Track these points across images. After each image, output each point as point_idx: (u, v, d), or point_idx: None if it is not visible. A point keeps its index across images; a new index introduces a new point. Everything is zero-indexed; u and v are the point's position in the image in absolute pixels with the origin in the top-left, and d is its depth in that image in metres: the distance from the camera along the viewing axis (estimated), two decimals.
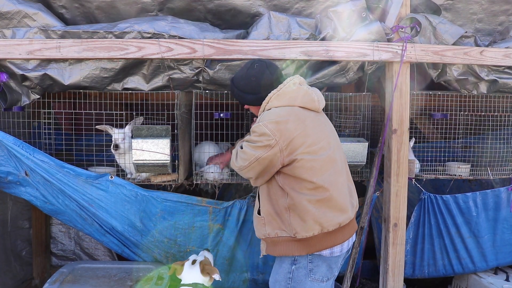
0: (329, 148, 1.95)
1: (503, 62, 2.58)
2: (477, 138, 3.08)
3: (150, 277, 2.38)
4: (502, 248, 2.89)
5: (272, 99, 1.97)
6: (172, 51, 2.33)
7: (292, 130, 1.87)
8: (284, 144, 1.86)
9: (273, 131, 1.87)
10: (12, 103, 2.39)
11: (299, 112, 1.94)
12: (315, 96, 1.99)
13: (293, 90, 1.97)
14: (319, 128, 1.96)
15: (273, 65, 2.07)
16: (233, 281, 2.74)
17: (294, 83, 1.99)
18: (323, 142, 1.93)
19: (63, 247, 3.43)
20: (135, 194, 2.44)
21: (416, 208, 2.75)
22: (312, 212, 1.87)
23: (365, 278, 3.40)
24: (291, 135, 1.87)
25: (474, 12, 2.77)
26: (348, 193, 2.00)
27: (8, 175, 2.42)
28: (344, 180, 1.99)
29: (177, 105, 2.48)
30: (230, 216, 2.59)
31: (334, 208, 1.90)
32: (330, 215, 1.89)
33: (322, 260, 1.95)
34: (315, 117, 1.98)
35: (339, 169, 1.97)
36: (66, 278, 2.35)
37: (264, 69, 2.01)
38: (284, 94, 1.96)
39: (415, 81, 2.61)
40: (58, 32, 2.32)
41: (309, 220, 1.87)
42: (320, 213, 1.87)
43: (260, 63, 2.05)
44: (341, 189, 1.95)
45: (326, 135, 1.98)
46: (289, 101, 1.95)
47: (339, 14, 2.40)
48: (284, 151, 1.87)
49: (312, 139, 1.90)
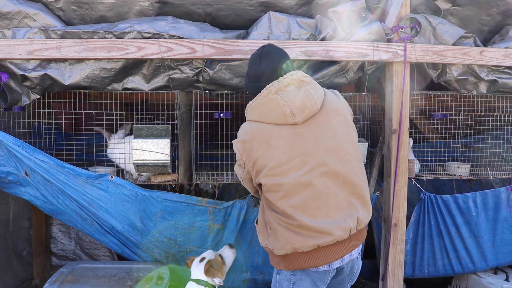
0: (304, 168, 1.71)
1: (502, 62, 2.58)
2: (477, 138, 3.08)
3: (150, 277, 2.38)
4: (502, 248, 2.89)
5: (248, 111, 1.84)
6: (172, 51, 2.33)
7: (255, 150, 1.74)
8: (250, 165, 1.78)
9: (240, 151, 1.80)
10: (12, 103, 2.40)
11: (265, 130, 1.75)
12: (287, 109, 1.72)
13: (263, 103, 1.77)
14: (294, 145, 1.72)
15: (272, 56, 1.85)
16: (233, 281, 2.74)
17: (268, 93, 1.76)
18: (295, 160, 1.71)
19: (63, 247, 3.43)
20: (135, 194, 2.44)
21: (416, 208, 2.75)
22: (281, 232, 1.74)
23: (365, 278, 3.40)
24: (255, 156, 1.75)
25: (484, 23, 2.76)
26: (344, 214, 1.74)
27: (8, 175, 2.42)
28: (334, 201, 1.73)
29: (177, 105, 2.48)
30: (230, 216, 2.59)
31: (307, 232, 1.70)
32: (301, 238, 1.71)
33: (305, 274, 1.80)
34: (289, 132, 1.74)
35: (320, 188, 1.71)
36: (66, 278, 2.35)
37: (255, 58, 1.86)
38: (255, 108, 1.80)
39: (415, 81, 2.62)
40: (58, 32, 2.32)
41: (281, 239, 1.75)
42: (291, 235, 1.72)
43: (259, 50, 1.88)
44: (324, 212, 1.71)
45: (302, 152, 1.72)
46: (258, 117, 1.78)
47: (339, 14, 2.40)
48: (252, 172, 1.80)
49: (276, 161, 1.71)
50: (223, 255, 2.28)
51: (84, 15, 2.45)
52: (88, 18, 2.46)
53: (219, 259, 2.24)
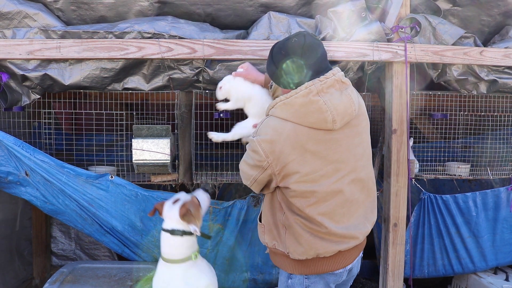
0: (336, 175, 1.65)
1: (502, 62, 2.58)
2: (477, 138, 3.08)
3: (150, 277, 2.38)
4: (502, 248, 2.89)
5: (277, 106, 1.65)
6: (172, 51, 2.33)
7: (287, 154, 1.60)
8: (277, 169, 1.63)
9: (266, 152, 1.62)
10: (12, 103, 2.40)
11: (302, 134, 1.61)
12: (329, 115, 1.59)
13: (301, 103, 1.60)
14: (329, 151, 1.64)
15: (313, 49, 1.63)
16: (233, 281, 2.74)
17: (308, 92, 1.59)
18: (328, 167, 1.63)
19: (63, 247, 3.43)
20: (135, 194, 2.44)
21: (416, 208, 2.75)
22: (305, 237, 1.68)
23: (365, 278, 3.40)
24: (286, 160, 1.60)
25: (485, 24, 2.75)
26: (363, 218, 1.76)
27: (8, 175, 2.42)
28: (356, 208, 1.73)
29: (177, 105, 2.48)
30: (230, 216, 2.59)
31: (333, 238, 1.68)
32: (326, 244, 1.68)
33: (319, 277, 1.77)
34: (325, 138, 1.63)
35: (348, 196, 1.69)
36: (66, 278, 2.35)
37: (297, 48, 1.62)
38: (290, 106, 1.61)
39: (415, 81, 2.62)
40: (58, 32, 2.32)
41: (304, 244, 1.69)
42: (316, 240, 1.68)
43: (301, 39, 1.63)
44: (346, 218, 1.70)
45: (336, 159, 1.65)
46: (294, 117, 1.61)
47: (339, 14, 2.40)
48: (278, 176, 1.65)
49: (310, 167, 1.61)
50: (198, 199, 1.94)
51: (83, 15, 2.45)
52: (87, 18, 2.46)
53: (196, 200, 1.89)
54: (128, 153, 2.65)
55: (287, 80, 1.66)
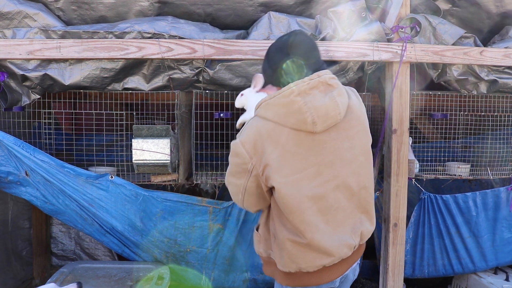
0: (318, 179, 1.58)
1: (502, 62, 2.58)
2: (477, 138, 3.08)
3: (150, 277, 2.38)
4: (502, 247, 2.89)
5: (262, 106, 1.61)
6: (172, 51, 2.33)
7: (269, 152, 1.55)
8: (260, 169, 1.57)
9: (250, 152, 1.57)
10: (12, 103, 2.40)
11: (282, 134, 1.56)
12: (309, 116, 1.54)
13: (283, 103, 1.56)
14: (310, 153, 1.57)
15: (302, 46, 1.63)
16: (233, 281, 2.74)
17: (290, 93, 1.56)
18: (309, 170, 1.57)
19: (63, 247, 3.43)
20: (135, 194, 2.44)
21: (416, 208, 2.75)
22: (288, 250, 1.62)
23: (365, 278, 3.40)
24: (267, 159, 1.55)
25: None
26: (351, 225, 1.67)
27: (8, 175, 2.42)
28: (342, 217, 1.64)
29: (177, 105, 2.48)
30: (230, 216, 2.59)
31: (316, 251, 1.60)
32: (309, 257, 1.61)
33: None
34: (307, 139, 1.57)
35: (331, 202, 1.60)
36: (67, 278, 2.35)
37: (285, 46, 1.62)
38: (273, 106, 1.58)
39: (415, 81, 2.62)
40: (58, 32, 2.33)
41: (285, 257, 1.63)
42: (298, 253, 1.61)
43: (291, 37, 1.64)
44: (331, 229, 1.61)
45: (318, 161, 1.58)
46: (275, 117, 1.57)
47: (339, 14, 2.40)
48: (262, 177, 1.59)
49: (290, 168, 1.56)
50: None
51: (84, 15, 2.45)
52: (88, 18, 2.46)
53: None
54: (128, 153, 2.65)
55: (276, 78, 1.66)
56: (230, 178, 1.70)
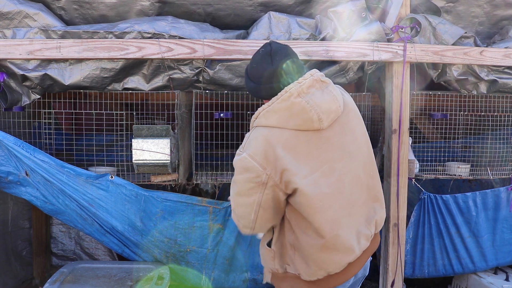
0: (334, 175, 1.60)
1: (502, 62, 2.58)
2: (477, 138, 3.08)
3: (150, 277, 2.38)
4: (502, 247, 2.89)
5: (261, 116, 1.61)
6: (172, 51, 2.33)
7: (281, 158, 1.54)
8: (277, 178, 1.55)
9: (262, 163, 1.54)
10: (12, 103, 2.40)
11: (290, 137, 1.57)
12: (314, 114, 1.56)
13: (284, 107, 1.57)
14: (321, 151, 1.59)
15: (284, 53, 1.64)
16: (233, 281, 2.74)
17: (288, 96, 1.56)
18: (324, 167, 1.58)
19: (63, 247, 3.43)
20: (135, 194, 2.45)
21: (416, 208, 2.75)
22: (314, 257, 1.62)
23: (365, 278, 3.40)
24: (282, 165, 1.54)
25: (476, 15, 2.75)
26: (367, 215, 1.70)
27: (8, 175, 2.42)
28: (358, 209, 1.67)
29: (177, 105, 2.49)
30: (230, 216, 2.59)
31: (342, 250, 1.62)
32: (336, 258, 1.63)
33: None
34: (314, 138, 1.59)
35: (348, 196, 1.63)
36: (66, 278, 2.35)
37: (265, 57, 1.63)
38: (274, 112, 1.58)
39: (415, 81, 2.62)
40: (58, 32, 2.33)
41: (312, 266, 1.63)
42: (325, 258, 1.62)
43: (267, 47, 1.65)
44: (351, 223, 1.64)
45: (330, 158, 1.60)
46: (279, 122, 1.57)
47: (339, 14, 2.40)
48: (281, 184, 1.56)
49: (307, 168, 1.56)
50: None
51: (85, 14, 2.45)
52: (89, 17, 2.46)
53: None
54: (128, 153, 2.65)
55: (266, 89, 1.64)
56: (238, 199, 1.65)
